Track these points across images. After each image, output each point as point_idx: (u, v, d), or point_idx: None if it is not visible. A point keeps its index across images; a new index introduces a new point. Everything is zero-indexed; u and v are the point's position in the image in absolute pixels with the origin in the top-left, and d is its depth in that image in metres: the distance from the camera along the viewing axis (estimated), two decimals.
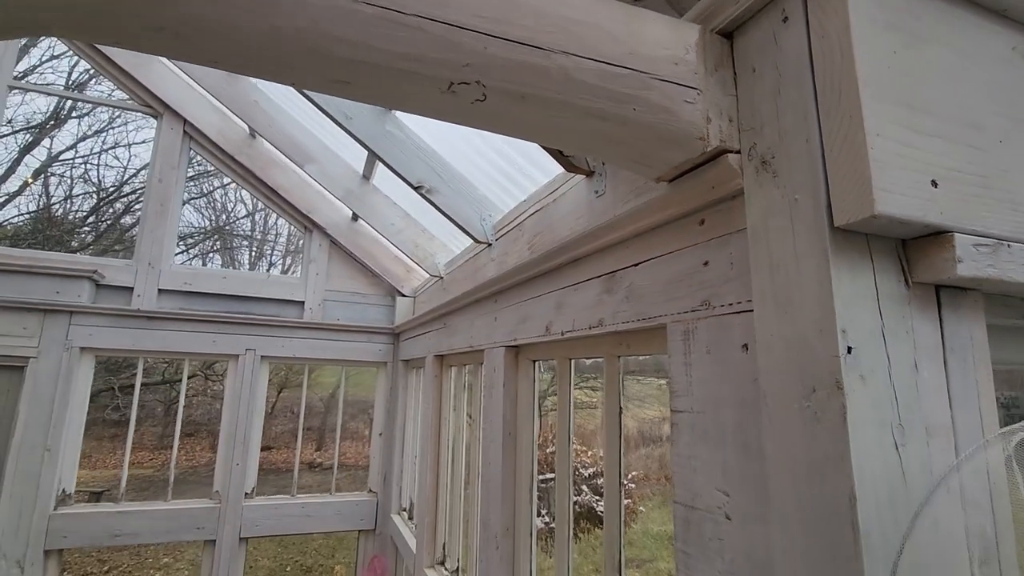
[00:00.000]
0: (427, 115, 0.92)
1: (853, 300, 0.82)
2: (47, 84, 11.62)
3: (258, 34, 0.72)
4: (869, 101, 0.81)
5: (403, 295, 5.08)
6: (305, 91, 2.98)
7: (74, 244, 12.68)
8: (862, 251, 0.85)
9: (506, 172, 2.81)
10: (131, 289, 4.39)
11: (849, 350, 0.80)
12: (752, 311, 0.99)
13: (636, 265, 1.43)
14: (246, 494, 4.48)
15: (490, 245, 2.85)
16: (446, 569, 3.37)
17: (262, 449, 4.77)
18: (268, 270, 16.32)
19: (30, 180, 11.52)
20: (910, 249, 0.88)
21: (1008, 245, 0.87)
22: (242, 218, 15.96)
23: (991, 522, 0.84)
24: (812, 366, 0.84)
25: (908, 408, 0.83)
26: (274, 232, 16.17)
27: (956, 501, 0.82)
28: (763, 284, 0.94)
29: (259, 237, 16.30)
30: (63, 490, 4.04)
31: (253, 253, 16.43)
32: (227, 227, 15.61)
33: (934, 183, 0.83)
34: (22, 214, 12.21)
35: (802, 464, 0.85)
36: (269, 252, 16.65)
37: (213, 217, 15.59)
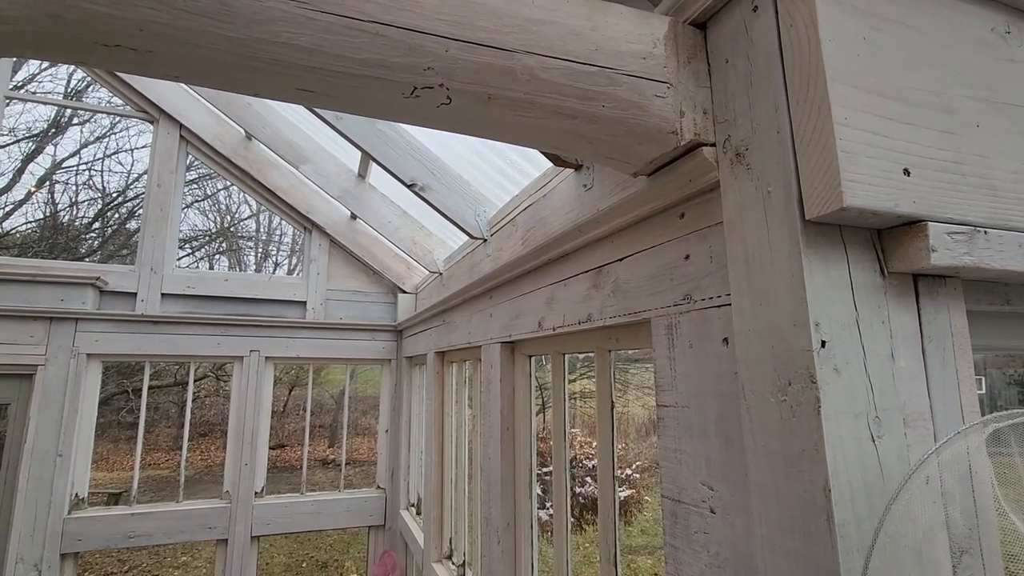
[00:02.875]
0: (395, 119, 0.92)
1: (826, 292, 0.82)
2: (46, 93, 11.69)
3: (216, 47, 0.72)
4: (837, 90, 0.80)
5: (404, 292, 5.09)
6: None
7: (81, 250, 12.80)
8: (835, 243, 0.84)
9: (499, 167, 2.80)
10: (135, 294, 4.44)
11: (823, 343, 0.80)
12: (731, 304, 0.99)
13: (621, 259, 1.43)
14: (256, 493, 4.54)
15: (485, 241, 2.84)
16: (453, 563, 3.41)
17: (275, 447, 4.83)
18: (274, 270, 16.39)
19: (34, 188, 11.62)
20: (885, 239, 0.87)
21: (984, 232, 0.85)
22: (246, 219, 16.02)
23: (972, 511, 0.84)
24: (787, 359, 0.83)
25: (884, 399, 0.82)
26: (279, 232, 16.22)
27: (935, 491, 0.81)
28: (739, 277, 0.94)
29: (264, 238, 16.37)
30: (76, 494, 4.11)
31: (259, 254, 16.51)
32: (232, 228, 15.68)
33: (906, 172, 0.82)
34: (29, 222, 12.34)
35: (779, 457, 0.85)
36: (274, 252, 16.72)
37: (218, 219, 15.67)
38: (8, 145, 11.41)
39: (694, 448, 1.10)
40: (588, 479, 9.43)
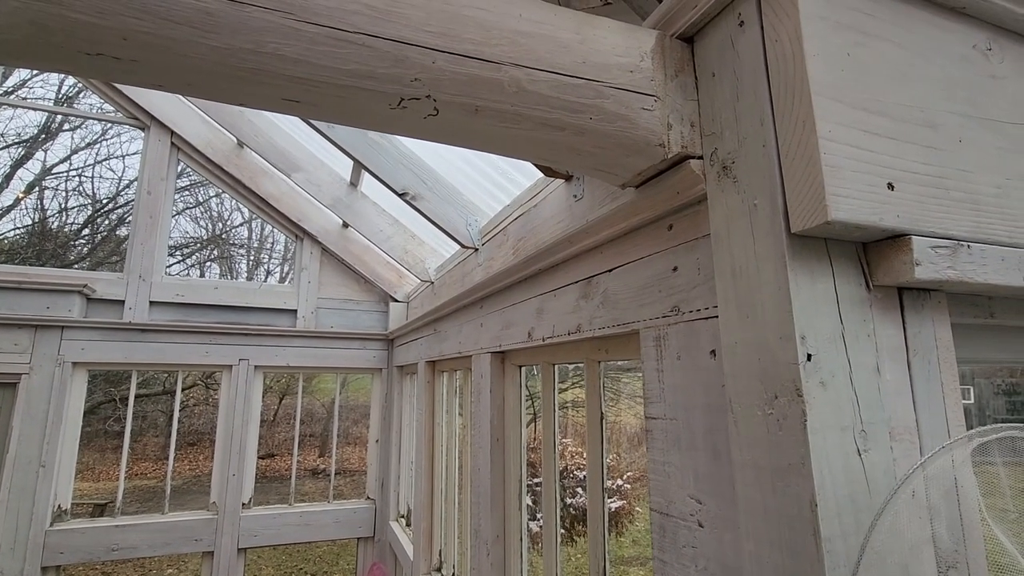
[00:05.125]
0: (382, 131, 0.91)
1: (812, 305, 0.82)
2: (36, 98, 11.63)
3: (200, 57, 0.71)
4: (822, 105, 0.81)
5: (396, 301, 5.07)
6: None
7: (70, 257, 12.67)
8: (821, 256, 0.84)
9: (490, 176, 2.81)
10: (122, 302, 4.39)
11: (809, 357, 0.80)
12: (718, 317, 0.99)
13: (611, 271, 1.43)
14: (243, 504, 4.48)
15: (477, 250, 2.84)
16: (442, 575, 3.37)
17: (264, 457, 4.78)
18: (265, 278, 16.27)
19: (21, 195, 11.52)
20: (870, 252, 0.88)
21: (968, 246, 0.86)
22: (238, 226, 15.93)
23: (959, 526, 0.84)
24: (773, 372, 0.83)
25: (870, 412, 0.82)
26: (271, 240, 16.14)
27: (921, 506, 0.81)
28: (726, 290, 0.94)
29: (256, 245, 16.27)
30: (59, 505, 4.03)
31: (250, 261, 16.40)
32: (223, 236, 15.59)
33: (890, 186, 0.83)
34: (16, 228, 12.20)
35: (766, 470, 0.84)
36: (266, 260, 16.62)
37: (209, 226, 15.58)
38: None
39: (682, 461, 1.10)
40: (579, 490, 9.39)
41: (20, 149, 11.87)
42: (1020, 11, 1.00)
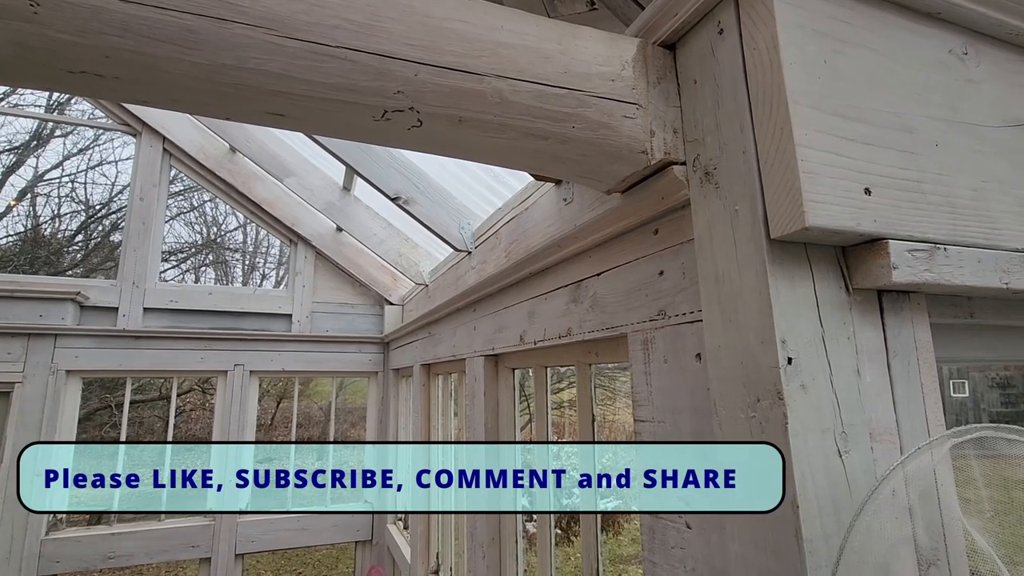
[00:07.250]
0: (367, 142, 0.92)
1: (792, 309, 0.83)
2: (27, 105, 11.56)
3: (183, 73, 0.72)
4: (799, 111, 0.82)
5: (391, 304, 5.07)
6: None
7: (63, 264, 12.60)
8: (800, 261, 0.86)
9: (482, 180, 2.82)
10: (116, 309, 4.37)
11: (789, 360, 0.81)
12: (703, 321, 1.00)
13: (599, 274, 1.44)
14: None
15: (470, 253, 2.85)
16: None
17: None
18: (260, 282, 16.21)
19: (13, 202, 11.46)
20: (849, 256, 0.89)
21: (945, 248, 0.88)
22: (233, 230, 15.86)
23: (938, 523, 0.85)
24: (755, 376, 0.84)
25: (851, 414, 0.84)
26: (265, 244, 16.08)
27: (901, 504, 0.82)
28: (710, 294, 0.95)
29: (251, 250, 16.21)
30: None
31: (245, 266, 16.33)
32: (218, 240, 15.52)
33: (867, 191, 0.84)
34: (9, 235, 12.14)
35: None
36: (261, 264, 16.56)
37: (204, 231, 15.51)
38: None
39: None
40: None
41: (11, 156, 11.81)
42: (995, 15, 1.02)
